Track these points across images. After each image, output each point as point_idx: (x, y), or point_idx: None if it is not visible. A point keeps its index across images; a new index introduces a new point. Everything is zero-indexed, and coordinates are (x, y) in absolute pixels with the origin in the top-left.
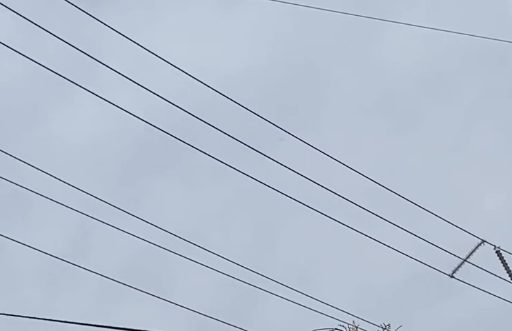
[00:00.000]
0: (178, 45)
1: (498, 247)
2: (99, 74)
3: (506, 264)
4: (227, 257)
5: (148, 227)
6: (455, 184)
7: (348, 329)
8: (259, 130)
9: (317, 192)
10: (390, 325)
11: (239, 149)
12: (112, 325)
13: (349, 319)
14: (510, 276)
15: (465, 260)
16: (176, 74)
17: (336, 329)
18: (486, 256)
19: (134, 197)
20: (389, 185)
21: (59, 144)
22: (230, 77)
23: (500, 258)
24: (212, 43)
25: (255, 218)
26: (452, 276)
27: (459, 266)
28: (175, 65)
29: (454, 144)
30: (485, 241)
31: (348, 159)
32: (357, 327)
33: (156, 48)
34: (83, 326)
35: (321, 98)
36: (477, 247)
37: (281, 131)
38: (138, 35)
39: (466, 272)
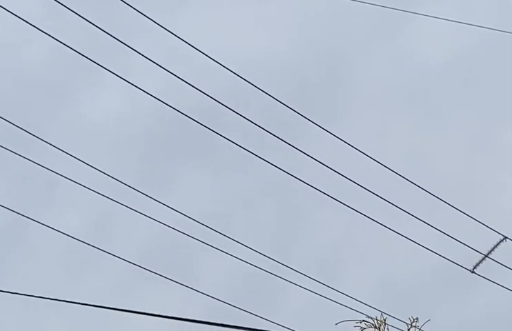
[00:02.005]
0: (207, 31)
1: None
2: (129, 58)
3: None
4: (249, 245)
5: (171, 212)
6: (479, 178)
7: (375, 322)
8: (285, 118)
9: (340, 183)
10: (418, 319)
11: (265, 137)
12: (134, 310)
13: (370, 311)
14: None
15: (486, 256)
16: (205, 60)
17: (363, 321)
18: (508, 252)
19: (158, 182)
20: (413, 177)
21: (87, 127)
22: (257, 65)
23: None
24: (241, 29)
25: (279, 208)
26: (473, 272)
27: (481, 261)
28: (203, 51)
29: (479, 138)
30: (507, 238)
31: (372, 150)
32: (385, 320)
33: (185, 33)
34: (105, 310)
35: (348, 89)
36: (498, 243)
37: (306, 120)
38: (169, 20)
39: (487, 267)
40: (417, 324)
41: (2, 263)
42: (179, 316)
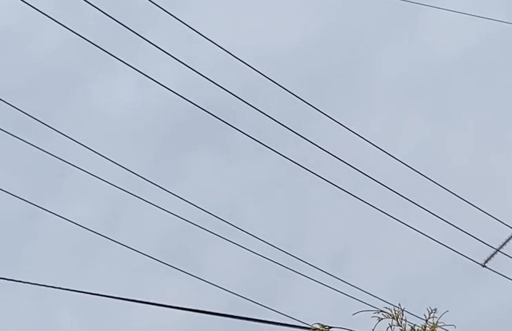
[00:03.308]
0: (221, 21)
1: None
2: (142, 48)
3: None
4: (261, 237)
5: (183, 203)
6: (491, 172)
7: (394, 312)
8: (297, 110)
9: (352, 175)
10: (437, 310)
11: (277, 129)
12: (145, 300)
13: (380, 304)
14: None
15: (498, 250)
16: (218, 51)
17: (381, 311)
18: None
19: (170, 173)
20: (425, 170)
21: (99, 117)
22: (271, 55)
23: None
24: (255, 21)
25: (291, 200)
26: (484, 266)
27: (492, 256)
28: (216, 42)
29: (492, 130)
30: None
31: (384, 143)
32: (402, 311)
33: (198, 24)
34: (117, 300)
35: (361, 81)
36: (510, 238)
37: (319, 112)
38: (183, 11)
39: (498, 261)
40: (435, 315)
41: (14, 253)
42: (191, 308)
